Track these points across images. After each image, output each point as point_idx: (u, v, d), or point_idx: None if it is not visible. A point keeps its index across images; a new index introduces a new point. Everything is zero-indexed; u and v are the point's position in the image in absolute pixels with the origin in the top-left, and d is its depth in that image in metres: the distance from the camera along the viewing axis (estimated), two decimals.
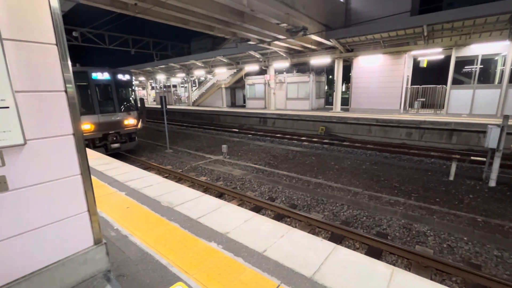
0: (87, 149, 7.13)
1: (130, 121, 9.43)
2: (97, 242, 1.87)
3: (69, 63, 1.63)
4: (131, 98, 9.85)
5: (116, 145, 9.12)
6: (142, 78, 33.86)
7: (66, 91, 1.61)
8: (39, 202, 1.59)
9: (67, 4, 7.65)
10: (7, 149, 1.44)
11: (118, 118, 9.12)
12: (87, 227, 1.82)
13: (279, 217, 4.76)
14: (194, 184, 6.56)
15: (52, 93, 1.57)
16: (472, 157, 8.24)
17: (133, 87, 10.10)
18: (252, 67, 19.58)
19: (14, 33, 1.39)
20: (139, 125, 9.89)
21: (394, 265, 3.51)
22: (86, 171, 1.76)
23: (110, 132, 8.93)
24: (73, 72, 7.31)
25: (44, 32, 1.50)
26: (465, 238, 4.01)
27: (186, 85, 28.33)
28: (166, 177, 7.05)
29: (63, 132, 1.64)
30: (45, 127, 1.56)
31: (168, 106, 21.84)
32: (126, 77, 9.55)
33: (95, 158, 5.85)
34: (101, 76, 8.69)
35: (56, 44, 1.56)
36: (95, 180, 4.24)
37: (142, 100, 10.71)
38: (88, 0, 7.67)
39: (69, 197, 1.71)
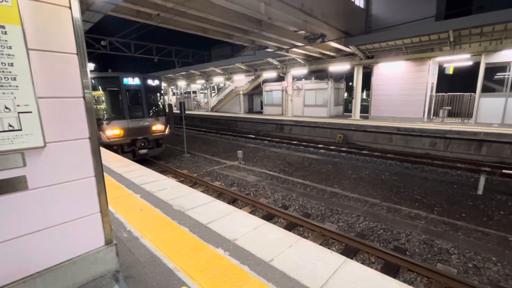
0: (108, 151, 7.46)
1: (158, 127, 9.38)
2: (108, 242, 1.93)
3: (88, 70, 1.73)
4: (159, 103, 9.83)
5: (144, 151, 9.03)
6: (164, 84, 35.23)
7: (84, 97, 1.71)
8: (56, 201, 1.67)
9: (97, 16, 8.19)
10: (28, 151, 1.54)
11: (147, 123, 9.07)
12: (99, 227, 1.89)
13: (291, 226, 4.67)
14: (208, 189, 6.64)
15: (71, 99, 1.67)
16: (503, 170, 7.65)
17: (161, 93, 10.14)
18: (270, 74, 19.70)
19: (39, 44, 1.50)
20: (167, 131, 9.80)
21: (412, 283, 3.31)
22: (100, 173, 1.83)
23: (139, 138, 8.90)
24: (106, 77, 7.93)
25: (66, 42, 1.61)
26: (493, 259, 3.69)
27: (205, 91, 29.04)
28: (181, 181, 7.21)
29: (80, 136, 1.73)
30: (63, 130, 1.65)
31: (188, 112, 22.48)
32: (156, 82, 9.57)
33: (116, 160, 6.11)
34: (131, 81, 8.72)
35: (77, 54, 1.66)
36: (113, 181, 4.41)
37: (170, 105, 10.49)
38: (116, 11, 8.15)
39: (83, 198, 1.79)
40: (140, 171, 5.15)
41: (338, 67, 15.56)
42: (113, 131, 8.23)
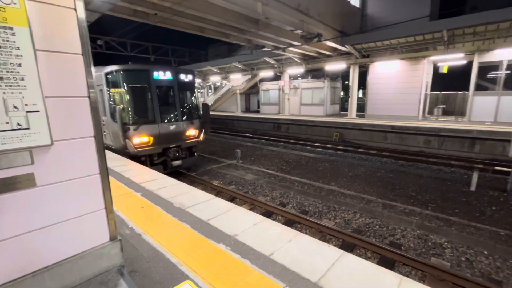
0: (106, 150, 7.32)
1: (191, 132, 7.76)
2: (112, 238, 1.98)
3: (93, 70, 1.77)
4: (193, 103, 8.24)
5: (178, 162, 7.39)
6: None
7: (89, 97, 1.75)
8: (62, 198, 1.72)
9: (94, 15, 8.16)
10: (36, 149, 1.58)
11: (180, 128, 7.45)
12: (104, 223, 1.93)
13: (289, 223, 4.76)
14: (206, 187, 6.69)
15: (77, 98, 1.71)
16: (496, 167, 7.83)
17: (195, 90, 8.48)
18: (267, 73, 19.76)
19: (45, 45, 1.54)
20: (201, 137, 8.13)
21: (407, 276, 3.40)
22: (104, 171, 1.88)
23: (171, 146, 7.27)
24: (131, 70, 6.23)
25: (72, 43, 1.65)
26: (485, 252, 3.82)
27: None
28: (180, 180, 7.24)
29: (86, 134, 1.77)
30: (69, 129, 1.70)
31: None
32: (189, 77, 7.89)
33: (114, 159, 6.12)
34: (163, 76, 7.01)
35: (82, 54, 1.70)
36: (114, 180, 4.44)
37: (206, 105, 8.73)
38: (113, 11, 8.13)
39: (89, 194, 1.83)
40: (139, 170, 5.18)
41: (334, 66, 15.69)
42: (141, 138, 6.62)
